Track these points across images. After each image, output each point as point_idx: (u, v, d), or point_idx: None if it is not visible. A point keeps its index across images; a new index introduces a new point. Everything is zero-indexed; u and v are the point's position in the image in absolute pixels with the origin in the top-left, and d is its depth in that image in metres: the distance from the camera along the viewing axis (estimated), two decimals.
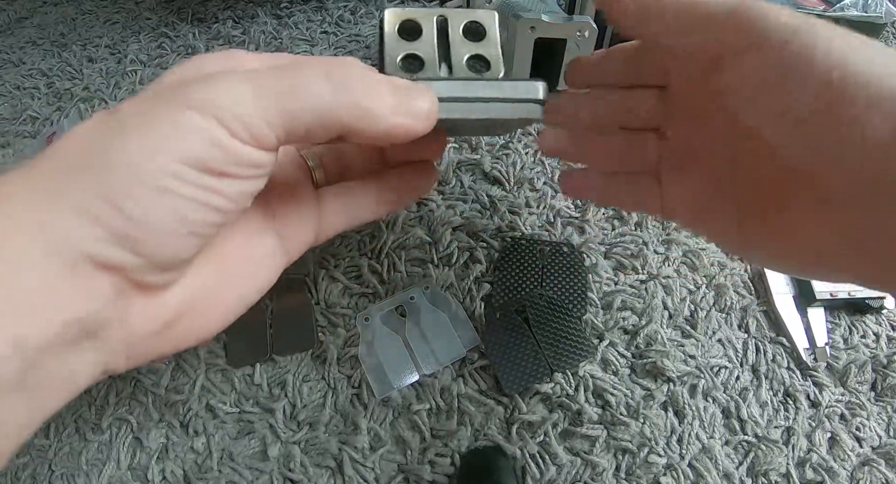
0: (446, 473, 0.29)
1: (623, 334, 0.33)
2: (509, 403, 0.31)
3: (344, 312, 0.34)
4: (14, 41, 0.63)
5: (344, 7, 0.59)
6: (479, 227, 0.38)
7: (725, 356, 0.32)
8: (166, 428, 0.31)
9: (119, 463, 0.30)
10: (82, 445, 0.31)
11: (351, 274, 0.36)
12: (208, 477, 0.30)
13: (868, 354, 0.32)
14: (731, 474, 0.29)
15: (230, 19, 0.60)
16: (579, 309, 0.33)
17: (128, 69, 0.56)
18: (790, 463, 0.29)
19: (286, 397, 0.32)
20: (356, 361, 0.32)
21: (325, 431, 0.30)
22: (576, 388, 0.31)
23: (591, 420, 0.30)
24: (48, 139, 0.47)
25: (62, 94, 0.54)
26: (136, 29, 0.62)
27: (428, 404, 0.31)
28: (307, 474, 0.29)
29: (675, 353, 0.32)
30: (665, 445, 0.29)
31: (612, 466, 0.29)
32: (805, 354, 0.32)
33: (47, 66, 0.58)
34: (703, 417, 0.30)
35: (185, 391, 0.32)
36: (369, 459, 0.29)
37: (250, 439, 0.31)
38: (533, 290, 0.34)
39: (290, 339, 0.33)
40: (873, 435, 0.30)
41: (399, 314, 0.34)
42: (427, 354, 0.32)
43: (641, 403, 0.30)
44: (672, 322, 0.34)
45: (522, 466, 0.29)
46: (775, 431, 0.30)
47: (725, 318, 0.34)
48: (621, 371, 0.32)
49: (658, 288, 0.35)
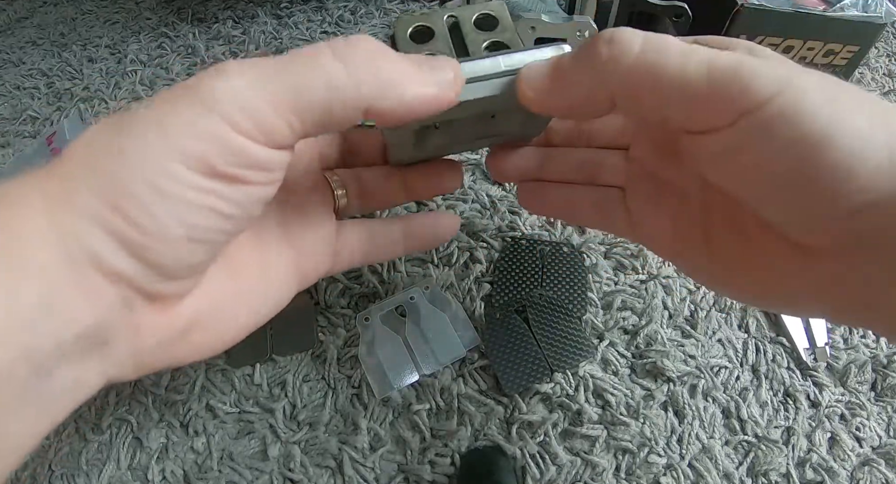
0: (446, 473, 0.29)
1: (623, 334, 0.33)
2: (509, 403, 0.31)
3: (344, 312, 0.34)
4: (14, 41, 0.63)
5: (344, 7, 0.59)
6: (479, 227, 0.38)
7: (725, 356, 0.32)
8: (166, 428, 0.31)
9: (119, 463, 0.30)
10: (82, 445, 0.31)
11: (351, 274, 0.36)
12: (208, 477, 0.30)
13: (868, 354, 0.32)
14: (731, 474, 0.29)
15: (230, 19, 0.60)
16: (579, 309, 0.33)
17: (128, 69, 0.56)
18: (790, 463, 0.29)
19: (286, 397, 0.32)
20: (356, 361, 0.32)
21: (325, 431, 0.30)
22: (576, 388, 0.31)
23: (591, 420, 0.30)
24: (48, 139, 0.47)
25: (62, 94, 0.54)
26: (136, 29, 0.62)
27: (428, 404, 0.31)
28: (307, 474, 0.29)
29: (675, 353, 0.32)
30: (665, 445, 0.29)
31: (612, 466, 0.29)
32: (805, 354, 0.32)
33: (47, 66, 0.58)
34: (703, 417, 0.30)
35: (185, 391, 0.32)
36: (369, 459, 0.29)
37: (250, 439, 0.31)
38: (533, 290, 0.34)
39: (290, 339, 0.33)
40: (873, 435, 0.30)
41: (399, 314, 0.34)
42: (427, 354, 0.32)
43: (641, 403, 0.30)
44: (672, 322, 0.34)
45: (522, 466, 0.29)
46: (775, 431, 0.30)
47: (725, 318, 0.34)
48: (621, 371, 0.32)
49: (658, 288, 0.35)
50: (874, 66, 0.52)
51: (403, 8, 0.59)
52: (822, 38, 0.44)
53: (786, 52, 0.45)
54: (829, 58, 0.46)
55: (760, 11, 0.42)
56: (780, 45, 0.45)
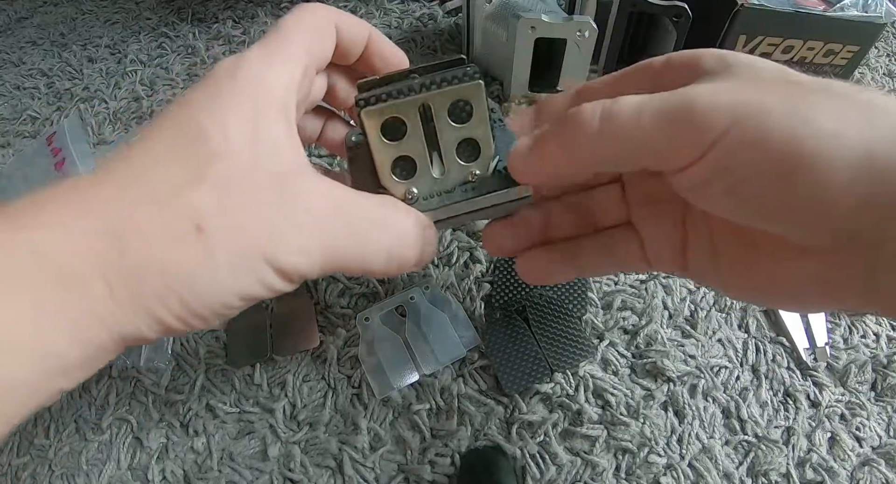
0: (446, 473, 0.29)
1: (623, 334, 0.33)
2: (509, 403, 0.31)
3: (344, 312, 0.34)
4: (14, 41, 0.63)
5: (344, 7, 0.59)
6: (479, 228, 0.38)
7: (725, 356, 0.32)
8: (166, 428, 0.31)
9: (119, 463, 0.30)
10: (82, 445, 0.31)
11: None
12: (208, 477, 0.30)
13: (868, 354, 0.32)
14: (731, 474, 0.29)
15: (230, 19, 0.60)
16: (579, 309, 0.33)
17: (128, 69, 0.56)
18: (790, 463, 0.29)
19: (286, 397, 0.32)
20: (356, 361, 0.32)
21: (325, 431, 0.31)
22: (576, 388, 0.31)
23: (591, 420, 0.30)
24: (48, 139, 0.47)
25: (62, 94, 0.54)
26: (136, 29, 0.62)
27: (428, 404, 0.31)
28: (307, 474, 0.29)
29: (675, 353, 0.32)
30: (665, 445, 0.29)
31: (612, 466, 0.29)
32: (805, 354, 0.32)
33: (47, 66, 0.58)
34: (703, 417, 0.30)
35: (185, 391, 0.32)
36: (369, 459, 0.29)
37: (250, 439, 0.31)
38: (533, 290, 0.34)
39: (290, 339, 0.33)
40: (873, 435, 0.30)
41: (399, 314, 0.34)
42: (427, 353, 0.32)
43: (641, 403, 0.30)
44: (672, 322, 0.34)
45: (522, 466, 0.29)
46: (775, 431, 0.30)
47: (725, 318, 0.34)
48: (621, 371, 0.32)
49: (658, 288, 0.35)
50: (874, 66, 0.52)
51: (403, 8, 0.59)
52: (822, 38, 0.44)
53: (785, 52, 0.45)
54: (829, 58, 0.46)
55: (760, 11, 0.42)
56: (779, 45, 0.45)
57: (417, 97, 0.18)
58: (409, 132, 0.19)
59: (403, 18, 0.57)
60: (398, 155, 0.19)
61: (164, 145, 0.15)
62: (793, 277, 0.16)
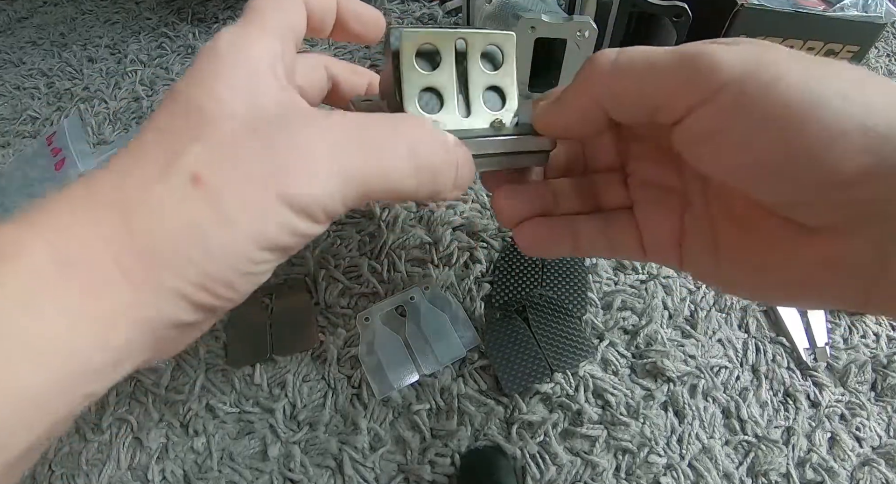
0: (446, 473, 0.29)
1: (623, 334, 0.33)
2: (509, 403, 0.31)
3: (344, 312, 0.34)
4: (14, 41, 0.63)
5: None
6: (479, 227, 0.38)
7: (725, 356, 0.32)
8: (166, 428, 0.31)
9: (119, 463, 0.30)
10: (82, 445, 0.31)
11: (351, 274, 0.36)
12: (208, 477, 0.30)
13: (868, 354, 0.32)
14: (731, 474, 0.29)
15: (230, 19, 0.60)
16: (579, 309, 0.33)
17: (128, 69, 0.56)
18: (790, 463, 0.29)
19: (286, 397, 0.32)
20: (356, 361, 0.32)
21: (325, 431, 0.30)
22: (576, 388, 0.31)
23: (591, 420, 0.30)
24: (48, 139, 0.47)
25: (62, 94, 0.54)
26: (136, 29, 0.62)
27: (428, 404, 0.31)
28: (307, 474, 0.29)
29: (675, 353, 0.32)
30: (665, 445, 0.29)
31: (612, 466, 0.29)
32: (805, 354, 0.32)
33: (47, 66, 0.58)
34: (703, 417, 0.30)
35: (185, 391, 0.32)
36: (369, 459, 0.29)
37: (250, 439, 0.31)
38: (533, 290, 0.34)
39: (290, 339, 0.33)
40: (873, 435, 0.30)
41: (399, 314, 0.34)
42: (427, 353, 0.32)
43: (641, 403, 0.30)
44: (672, 322, 0.34)
45: (522, 466, 0.29)
46: (775, 431, 0.30)
47: (725, 318, 0.34)
48: (621, 371, 0.32)
49: (658, 288, 0.35)
50: (874, 66, 0.52)
51: (403, 8, 0.59)
52: (822, 38, 0.44)
53: None
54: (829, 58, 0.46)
55: (760, 11, 0.42)
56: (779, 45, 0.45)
57: (458, 30, 0.19)
58: (442, 63, 0.19)
59: (403, 18, 0.57)
60: (426, 86, 0.19)
61: (159, 127, 0.15)
62: (796, 261, 0.16)
